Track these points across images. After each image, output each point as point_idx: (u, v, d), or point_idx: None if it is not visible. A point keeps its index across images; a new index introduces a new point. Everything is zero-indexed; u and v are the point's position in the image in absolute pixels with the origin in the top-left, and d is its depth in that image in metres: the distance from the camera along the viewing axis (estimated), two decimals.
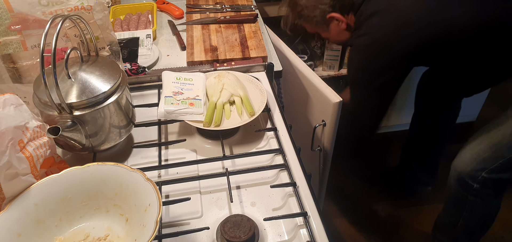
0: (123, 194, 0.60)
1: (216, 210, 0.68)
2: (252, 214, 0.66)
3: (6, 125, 0.55)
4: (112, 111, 0.70)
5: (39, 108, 0.67)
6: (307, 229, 0.63)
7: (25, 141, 0.59)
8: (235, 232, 0.60)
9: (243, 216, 0.62)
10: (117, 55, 0.86)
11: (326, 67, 1.81)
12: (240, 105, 0.83)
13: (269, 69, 1.00)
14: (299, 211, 0.66)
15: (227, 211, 0.67)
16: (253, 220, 0.62)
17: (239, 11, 1.25)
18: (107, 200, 0.61)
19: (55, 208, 0.59)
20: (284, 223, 0.65)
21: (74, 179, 0.60)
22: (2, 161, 0.54)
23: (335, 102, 1.01)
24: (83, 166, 0.61)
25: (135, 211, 0.58)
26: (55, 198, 0.59)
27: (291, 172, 0.72)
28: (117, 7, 1.29)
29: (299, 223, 0.65)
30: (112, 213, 0.61)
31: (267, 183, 0.72)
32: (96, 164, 0.61)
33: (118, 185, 0.60)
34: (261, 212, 0.67)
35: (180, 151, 0.80)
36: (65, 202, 0.60)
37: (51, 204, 0.59)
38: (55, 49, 0.60)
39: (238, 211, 0.67)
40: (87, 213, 0.61)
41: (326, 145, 1.12)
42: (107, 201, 0.61)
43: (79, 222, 0.61)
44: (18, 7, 0.71)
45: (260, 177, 0.73)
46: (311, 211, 0.65)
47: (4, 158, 0.54)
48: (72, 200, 0.60)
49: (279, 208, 0.68)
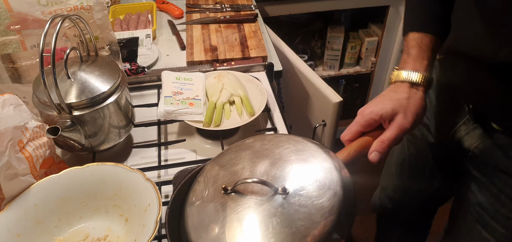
0: (123, 194, 0.60)
1: None
2: None
3: (6, 125, 0.55)
4: (111, 112, 0.70)
5: (39, 109, 0.67)
6: None
7: (25, 141, 0.59)
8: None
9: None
10: (116, 55, 0.86)
11: (326, 67, 1.81)
12: (240, 105, 0.83)
13: (269, 69, 1.00)
14: None
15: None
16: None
17: (239, 11, 1.24)
18: (106, 200, 0.61)
19: (55, 208, 0.59)
20: None
21: (73, 179, 0.60)
22: (2, 161, 0.54)
23: (335, 102, 1.01)
24: (82, 166, 0.61)
25: (135, 211, 0.57)
26: (55, 198, 0.59)
27: None
28: (116, 7, 1.29)
29: None
30: (112, 213, 0.61)
31: None
32: (96, 164, 0.61)
33: (117, 185, 0.60)
34: None
35: (180, 151, 0.80)
36: (64, 202, 0.60)
37: (51, 204, 0.59)
38: (54, 49, 0.60)
39: None
40: (86, 213, 0.61)
41: (326, 145, 1.12)
42: (106, 201, 0.61)
43: (79, 222, 0.61)
44: (18, 7, 0.71)
45: None
46: None
47: (3, 158, 0.54)
48: (71, 200, 0.60)
49: None
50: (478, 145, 0.67)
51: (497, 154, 0.64)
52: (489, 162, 0.66)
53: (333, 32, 1.69)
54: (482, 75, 0.62)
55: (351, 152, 0.55)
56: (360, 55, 1.79)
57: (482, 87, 0.63)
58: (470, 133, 0.69)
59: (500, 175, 0.65)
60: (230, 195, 0.49)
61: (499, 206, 0.67)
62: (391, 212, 1.10)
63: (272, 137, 0.57)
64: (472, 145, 0.69)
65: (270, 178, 0.49)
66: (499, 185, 0.66)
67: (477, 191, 0.71)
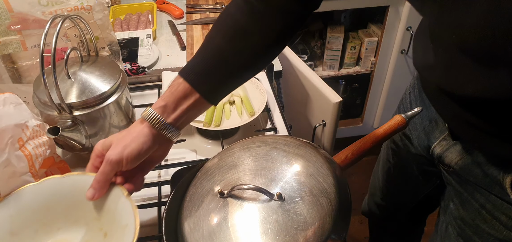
0: (104, 208, 0.56)
1: None
2: None
3: (6, 122, 0.55)
4: (112, 111, 0.70)
5: (39, 108, 0.67)
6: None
7: (25, 139, 0.58)
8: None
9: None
10: (117, 55, 0.86)
11: (326, 67, 1.81)
12: (240, 105, 0.83)
13: (269, 69, 1.00)
14: None
15: None
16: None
17: None
18: (86, 212, 0.57)
19: (32, 219, 0.56)
20: None
21: (53, 188, 0.57)
22: (1, 158, 0.53)
23: (335, 102, 1.01)
24: (63, 176, 0.57)
25: (115, 227, 0.54)
26: (32, 208, 0.56)
27: None
28: (117, 7, 1.29)
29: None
30: (92, 226, 0.57)
31: None
32: (77, 174, 0.57)
33: (99, 199, 0.56)
34: None
35: (180, 151, 0.80)
36: (43, 213, 0.56)
37: (27, 214, 0.56)
38: (55, 49, 0.60)
39: None
40: (65, 224, 0.58)
41: (326, 145, 1.12)
42: (86, 214, 0.57)
43: (57, 234, 0.58)
44: (18, 7, 0.71)
45: None
46: None
47: (3, 155, 0.53)
48: (50, 210, 0.57)
49: None
50: (458, 161, 0.66)
51: (477, 171, 0.63)
52: (469, 179, 0.65)
53: (333, 32, 1.70)
54: (453, 105, 0.59)
55: (349, 155, 0.55)
56: (360, 55, 1.79)
57: (455, 113, 0.60)
58: (450, 148, 0.67)
59: (481, 191, 0.64)
60: (226, 199, 0.49)
61: (481, 222, 0.66)
62: (381, 218, 1.10)
63: (270, 138, 0.57)
64: (453, 161, 0.67)
65: (267, 182, 0.49)
66: (480, 200, 0.64)
67: (459, 205, 0.70)
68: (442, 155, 0.69)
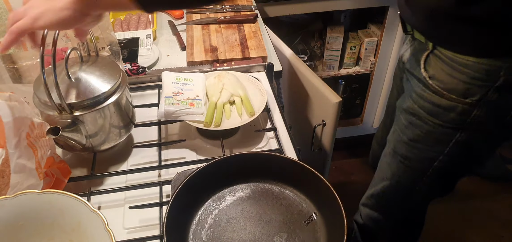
0: (81, 233, 0.54)
1: None
2: None
3: (19, 113, 0.54)
4: (112, 112, 0.70)
5: (39, 109, 0.67)
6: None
7: (32, 135, 0.58)
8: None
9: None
10: (117, 55, 0.86)
11: (326, 67, 1.81)
12: (240, 105, 0.83)
13: (269, 69, 1.00)
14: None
15: None
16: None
17: (239, 11, 1.25)
18: (63, 233, 0.55)
19: (4, 236, 0.53)
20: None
21: (28, 204, 0.53)
22: (16, 147, 0.52)
23: (334, 102, 1.01)
24: (40, 192, 0.54)
25: None
26: (4, 223, 0.53)
27: None
28: None
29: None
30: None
31: None
32: (55, 192, 0.54)
33: (76, 222, 0.54)
34: None
35: (180, 151, 0.80)
36: (15, 229, 0.53)
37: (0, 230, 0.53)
38: (55, 49, 0.60)
39: None
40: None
41: (326, 145, 1.12)
42: (63, 235, 0.55)
43: None
44: (18, 7, 0.71)
45: None
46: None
47: (18, 144, 0.53)
48: (24, 227, 0.54)
49: None
50: (407, 56, 0.89)
51: (412, 60, 0.84)
52: (410, 70, 0.86)
53: (332, 32, 1.70)
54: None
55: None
56: (360, 55, 1.79)
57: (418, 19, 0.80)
58: (408, 50, 0.89)
59: (412, 79, 0.84)
60: None
61: (410, 103, 0.86)
62: (374, 230, 1.16)
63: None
64: (404, 57, 0.91)
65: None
66: (412, 85, 0.85)
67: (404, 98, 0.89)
68: (403, 55, 0.94)
